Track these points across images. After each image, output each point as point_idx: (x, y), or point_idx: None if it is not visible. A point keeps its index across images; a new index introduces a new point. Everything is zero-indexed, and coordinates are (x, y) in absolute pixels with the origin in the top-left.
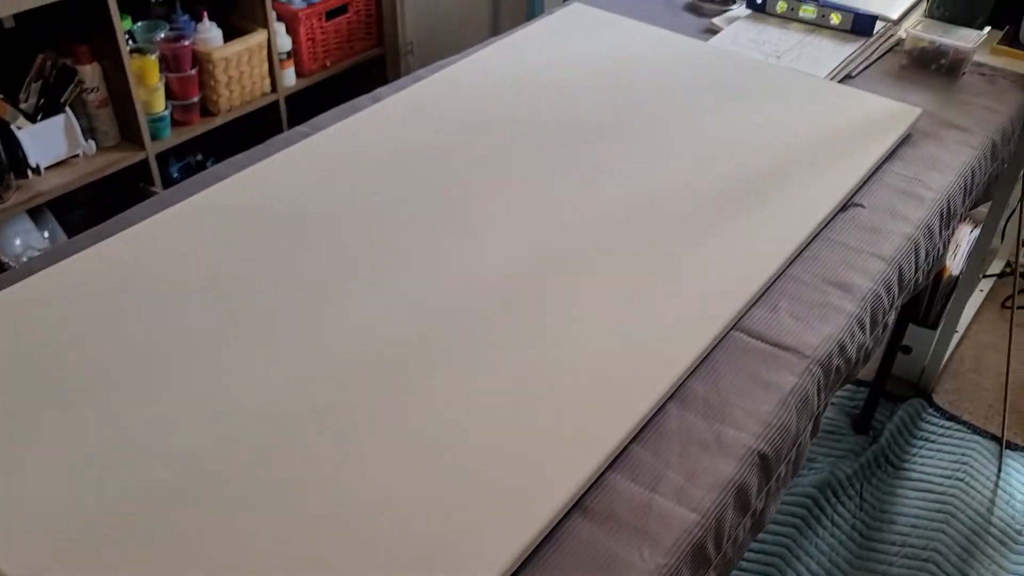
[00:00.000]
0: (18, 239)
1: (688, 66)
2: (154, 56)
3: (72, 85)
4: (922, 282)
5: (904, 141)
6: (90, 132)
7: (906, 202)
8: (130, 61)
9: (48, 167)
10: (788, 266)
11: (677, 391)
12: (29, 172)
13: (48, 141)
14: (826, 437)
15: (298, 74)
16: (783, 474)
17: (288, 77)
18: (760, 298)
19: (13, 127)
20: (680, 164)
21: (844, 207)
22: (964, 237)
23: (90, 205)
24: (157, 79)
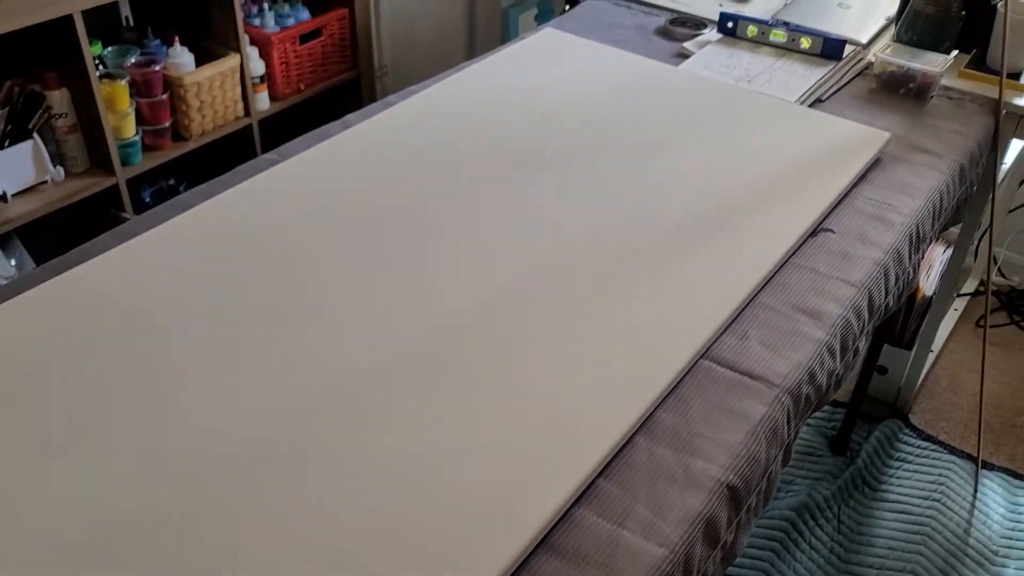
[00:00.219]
0: None
1: (659, 91)
2: (124, 81)
3: (40, 111)
4: (893, 306)
5: (874, 165)
6: (59, 158)
7: (876, 227)
8: (100, 86)
9: (15, 194)
10: (758, 293)
11: (645, 422)
12: None
13: (15, 168)
14: (803, 459)
15: (272, 98)
16: (753, 504)
17: (261, 101)
18: (730, 326)
19: None
20: (649, 190)
21: (814, 232)
22: (937, 257)
23: (59, 232)
24: (127, 104)
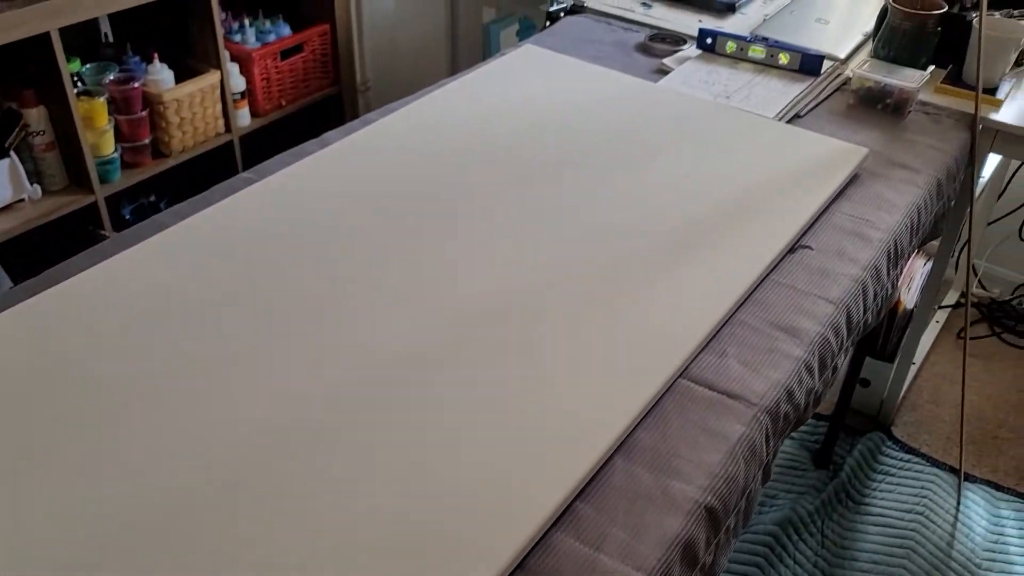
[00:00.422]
0: None
1: (637, 107)
2: (102, 98)
3: (17, 129)
4: (872, 322)
5: (852, 180)
6: (36, 176)
7: (854, 243)
8: (77, 104)
9: None
10: (736, 310)
11: (624, 443)
12: None
13: None
14: (787, 472)
15: (253, 114)
16: (732, 525)
17: (242, 117)
18: (708, 344)
19: None
20: (626, 207)
21: (792, 249)
22: (918, 270)
23: (37, 250)
24: (106, 121)
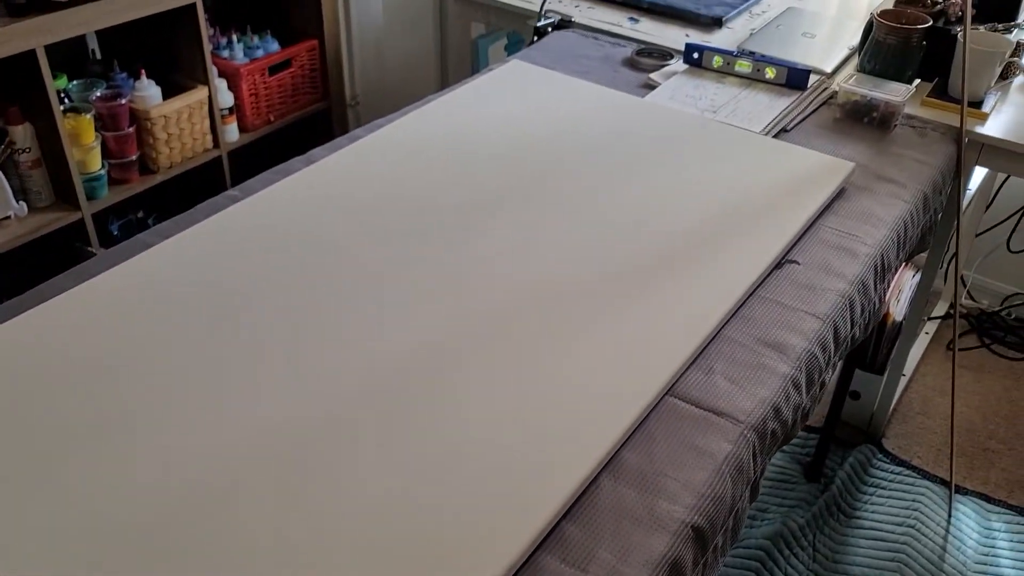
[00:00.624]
0: None
1: (624, 122)
2: (89, 115)
3: (2, 146)
4: (859, 337)
5: (838, 195)
6: (22, 193)
7: (840, 257)
8: (64, 120)
9: None
10: (723, 326)
11: (610, 462)
12: None
13: None
14: (778, 486)
15: (241, 129)
16: (720, 544)
17: (231, 133)
18: (695, 361)
19: None
20: (614, 223)
21: (779, 264)
22: (907, 282)
23: (24, 267)
24: (93, 138)
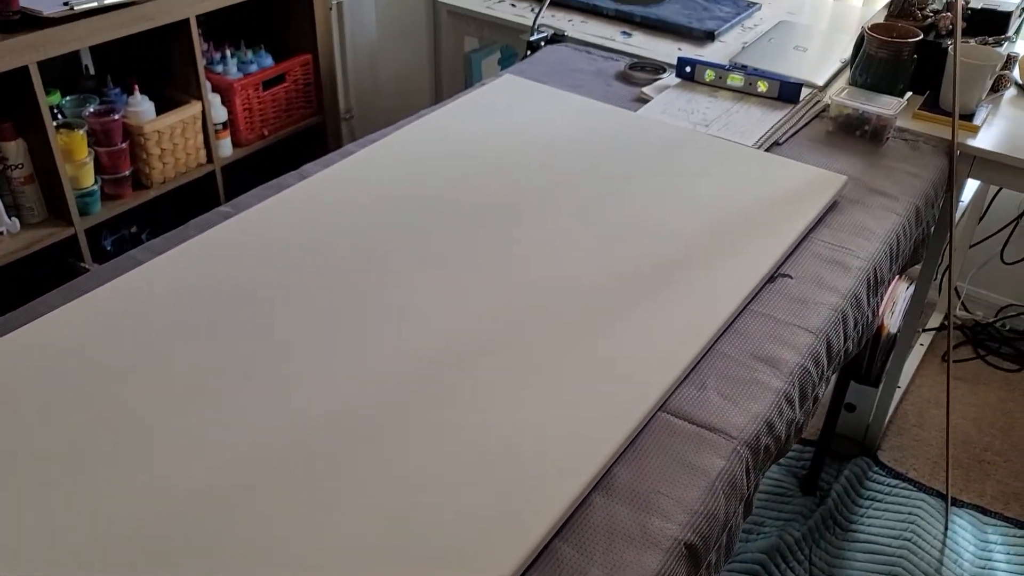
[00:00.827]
0: None
1: (617, 136)
2: (82, 131)
3: None
4: (853, 351)
5: (831, 208)
6: (14, 209)
7: (833, 271)
8: (57, 136)
9: None
10: (715, 341)
11: (602, 479)
12: None
13: None
14: (774, 499)
15: (235, 144)
16: (713, 561)
17: (224, 148)
18: (688, 376)
19: None
20: (606, 237)
21: (772, 278)
22: (901, 294)
23: (17, 283)
24: (85, 154)
